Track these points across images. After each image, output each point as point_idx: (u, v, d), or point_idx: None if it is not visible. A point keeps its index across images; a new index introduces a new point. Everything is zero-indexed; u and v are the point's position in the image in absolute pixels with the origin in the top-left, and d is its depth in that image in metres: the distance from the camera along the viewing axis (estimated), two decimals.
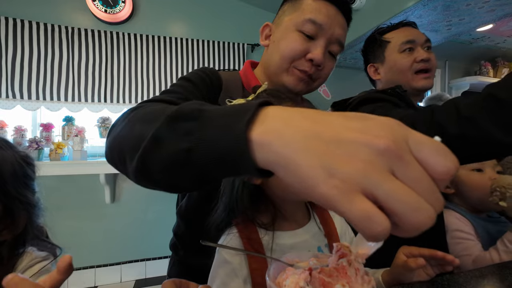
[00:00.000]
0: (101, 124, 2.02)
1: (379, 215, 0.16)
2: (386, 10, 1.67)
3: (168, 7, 2.21)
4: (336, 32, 0.60)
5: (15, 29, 1.81)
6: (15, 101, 1.82)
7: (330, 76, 0.68)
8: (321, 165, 0.17)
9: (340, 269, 0.25)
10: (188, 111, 0.27)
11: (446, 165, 0.17)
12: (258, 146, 0.21)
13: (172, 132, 0.27)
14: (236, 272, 0.41)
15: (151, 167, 0.28)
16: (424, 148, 0.17)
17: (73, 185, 1.93)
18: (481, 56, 2.90)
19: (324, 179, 0.17)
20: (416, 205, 0.16)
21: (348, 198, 0.16)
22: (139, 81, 2.09)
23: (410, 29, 0.85)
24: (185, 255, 0.67)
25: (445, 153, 0.17)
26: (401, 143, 0.17)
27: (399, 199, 0.16)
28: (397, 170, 0.17)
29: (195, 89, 0.56)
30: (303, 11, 0.60)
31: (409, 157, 0.17)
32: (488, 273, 0.50)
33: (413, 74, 0.80)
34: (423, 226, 0.16)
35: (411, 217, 0.16)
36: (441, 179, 0.17)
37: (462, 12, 1.65)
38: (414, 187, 0.17)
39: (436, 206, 0.17)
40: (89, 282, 1.96)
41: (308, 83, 0.63)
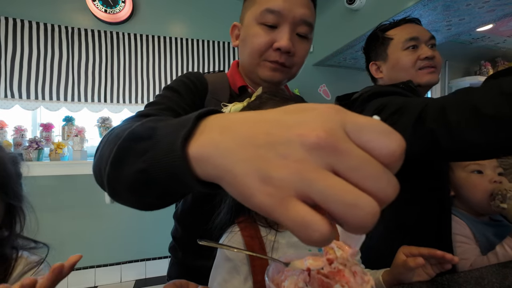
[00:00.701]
0: (101, 124, 2.02)
1: (315, 220, 0.15)
2: (386, 10, 1.67)
3: (168, 7, 2.21)
4: (298, 13, 0.58)
5: (15, 29, 1.81)
6: (14, 101, 1.82)
7: (330, 76, 0.67)
8: (256, 173, 0.16)
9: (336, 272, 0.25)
10: (142, 130, 0.27)
11: (389, 146, 0.15)
12: (196, 161, 0.20)
13: (128, 152, 0.27)
14: (237, 269, 0.42)
15: (117, 188, 0.30)
16: (363, 131, 0.16)
17: (73, 185, 1.93)
18: (481, 56, 2.90)
19: (259, 188, 0.16)
20: (352, 202, 0.14)
21: (283, 205, 0.15)
22: (139, 81, 2.09)
23: (414, 26, 0.82)
24: (184, 257, 0.68)
25: (388, 133, 0.16)
26: (336, 132, 0.16)
27: (333, 197, 0.14)
28: (335, 163, 0.15)
29: (179, 97, 0.57)
30: (259, 3, 0.59)
31: (345, 145, 0.15)
32: (488, 273, 0.50)
33: (417, 70, 0.78)
34: (364, 224, 0.14)
35: (349, 215, 0.14)
36: (389, 163, 0.15)
37: (462, 12, 1.65)
38: (356, 177, 0.15)
39: (388, 191, 0.15)
40: (89, 282, 1.96)
41: (283, 71, 0.62)
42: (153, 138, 0.25)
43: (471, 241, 0.70)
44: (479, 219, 0.75)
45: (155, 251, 2.12)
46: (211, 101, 0.62)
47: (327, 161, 0.15)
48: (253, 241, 0.43)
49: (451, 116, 0.46)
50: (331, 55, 2.32)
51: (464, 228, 0.72)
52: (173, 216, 0.72)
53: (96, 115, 2.04)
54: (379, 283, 0.50)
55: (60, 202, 1.90)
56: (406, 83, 0.75)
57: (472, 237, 0.71)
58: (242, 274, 0.41)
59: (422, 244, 0.50)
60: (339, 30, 2.14)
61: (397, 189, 0.15)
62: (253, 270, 0.41)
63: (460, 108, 0.46)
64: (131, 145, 0.27)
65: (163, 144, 0.23)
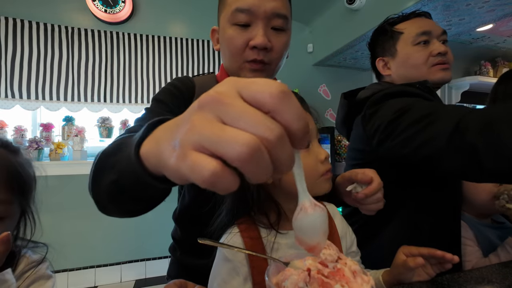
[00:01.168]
0: (101, 124, 2.02)
1: (205, 160, 0.16)
2: (386, 10, 1.67)
3: (168, 7, 2.21)
4: (269, 8, 0.57)
5: (15, 29, 1.81)
6: (14, 101, 1.82)
7: (330, 76, 0.67)
8: (171, 145, 0.19)
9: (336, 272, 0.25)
10: (112, 147, 0.32)
11: (267, 90, 0.17)
12: (145, 159, 0.25)
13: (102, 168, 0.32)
14: (237, 270, 0.42)
15: (100, 201, 0.35)
16: (251, 87, 0.17)
17: (73, 185, 1.93)
18: (481, 56, 2.90)
19: (171, 154, 0.19)
20: (229, 138, 0.16)
21: (184, 159, 0.17)
22: (139, 81, 2.09)
23: (425, 20, 0.77)
24: (183, 257, 0.68)
25: (267, 82, 0.17)
26: (225, 91, 0.18)
27: (216, 139, 0.16)
28: (221, 114, 0.17)
29: (164, 107, 0.59)
30: (229, 4, 0.60)
31: (230, 99, 0.17)
32: (488, 273, 0.50)
33: (429, 68, 0.73)
34: (241, 155, 0.15)
35: (229, 150, 0.16)
36: (273, 106, 0.17)
37: (462, 12, 1.65)
38: (238, 124, 0.16)
39: (267, 134, 0.16)
40: (89, 282, 1.96)
41: (264, 69, 0.62)
42: (120, 152, 0.30)
43: (473, 243, 0.70)
44: (481, 221, 0.74)
45: (155, 251, 2.12)
46: None
47: (216, 114, 0.17)
48: (253, 242, 0.43)
49: (501, 132, 0.40)
50: (331, 55, 2.32)
51: (467, 231, 0.71)
52: (172, 217, 0.72)
53: (96, 115, 2.04)
54: (379, 283, 0.50)
55: (60, 202, 1.90)
56: (422, 83, 0.70)
57: (474, 239, 0.71)
58: (241, 275, 0.41)
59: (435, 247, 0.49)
60: (339, 30, 2.14)
61: (276, 132, 0.16)
62: (252, 271, 0.41)
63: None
64: (103, 163, 0.33)
65: (126, 154, 0.27)
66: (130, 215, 0.36)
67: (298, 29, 2.55)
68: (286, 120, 0.17)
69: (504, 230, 0.73)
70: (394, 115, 0.60)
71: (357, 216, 0.74)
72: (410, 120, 0.56)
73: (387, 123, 0.61)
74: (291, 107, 0.17)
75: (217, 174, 0.16)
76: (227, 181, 0.17)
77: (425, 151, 0.52)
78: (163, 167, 0.21)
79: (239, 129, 0.16)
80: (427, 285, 0.46)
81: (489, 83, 2.86)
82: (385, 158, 0.65)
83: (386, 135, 0.61)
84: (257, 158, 0.16)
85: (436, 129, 0.51)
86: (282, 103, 0.17)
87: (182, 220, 0.68)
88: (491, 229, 0.73)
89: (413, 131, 0.55)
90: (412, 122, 0.56)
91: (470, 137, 0.44)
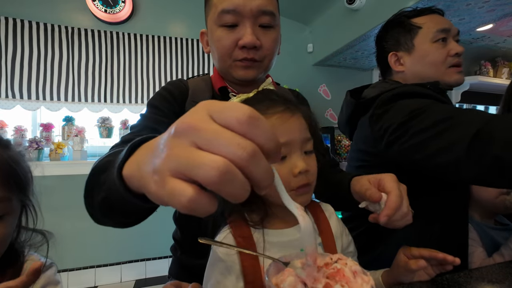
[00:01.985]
0: (101, 124, 2.02)
1: (182, 187, 0.17)
2: (386, 10, 1.67)
3: (168, 7, 2.21)
4: (254, 6, 0.57)
5: (15, 29, 1.81)
6: (14, 101, 1.82)
7: (330, 76, 0.67)
8: (150, 170, 0.19)
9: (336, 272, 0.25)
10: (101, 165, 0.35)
11: (234, 115, 0.17)
12: (128, 180, 0.26)
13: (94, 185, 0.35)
14: (229, 269, 0.42)
15: (94, 214, 0.38)
16: (223, 112, 0.18)
17: (73, 185, 1.93)
18: (481, 56, 2.90)
19: (151, 179, 0.19)
20: (200, 162, 0.16)
21: (163, 186, 0.18)
22: (139, 81, 2.09)
23: (442, 17, 0.75)
24: (183, 257, 0.68)
25: (238, 106, 0.18)
26: (198, 117, 0.18)
27: (191, 164, 0.17)
28: (196, 139, 0.17)
29: (157, 112, 0.60)
30: (215, 6, 0.59)
31: (203, 124, 0.18)
32: (488, 272, 0.50)
33: (447, 68, 0.72)
34: (212, 179, 0.16)
35: (200, 174, 0.16)
36: (241, 130, 0.17)
37: (462, 12, 1.65)
38: (211, 147, 0.17)
39: (238, 153, 0.16)
40: (89, 282, 1.96)
41: (255, 66, 0.61)
42: (108, 170, 0.32)
43: (477, 243, 0.70)
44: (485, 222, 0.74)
45: (155, 251, 2.12)
46: (191, 104, 0.63)
47: (190, 140, 0.18)
48: (244, 241, 0.43)
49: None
50: (331, 55, 2.32)
51: (471, 231, 0.71)
52: (172, 217, 0.72)
53: (96, 115, 2.04)
54: (379, 283, 0.50)
55: (60, 202, 1.90)
56: (433, 83, 0.68)
57: (478, 239, 0.70)
58: (234, 274, 0.42)
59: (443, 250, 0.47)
60: (339, 30, 2.14)
61: (249, 150, 0.17)
62: (243, 270, 0.41)
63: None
64: (94, 180, 0.35)
65: (112, 174, 0.29)
66: (124, 226, 0.39)
67: (298, 29, 2.55)
68: (259, 142, 0.17)
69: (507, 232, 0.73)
70: (405, 117, 0.58)
71: (359, 220, 0.73)
72: (424, 124, 0.54)
73: (397, 125, 0.59)
74: (260, 130, 0.18)
75: (194, 200, 0.17)
76: (204, 205, 0.17)
77: (441, 159, 0.50)
78: (144, 190, 0.21)
79: (212, 152, 0.17)
80: (427, 285, 0.46)
81: (489, 83, 2.86)
82: (393, 162, 0.62)
83: (396, 137, 0.59)
84: (230, 179, 0.16)
85: (454, 136, 0.48)
86: (251, 128, 0.17)
87: (181, 221, 0.69)
88: (494, 231, 0.73)
89: (428, 136, 0.53)
90: (426, 126, 0.53)
91: (495, 148, 0.43)
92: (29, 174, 0.52)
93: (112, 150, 0.39)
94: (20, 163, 0.50)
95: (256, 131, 0.17)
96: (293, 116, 0.46)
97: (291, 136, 0.44)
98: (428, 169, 0.55)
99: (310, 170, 0.45)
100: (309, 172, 0.45)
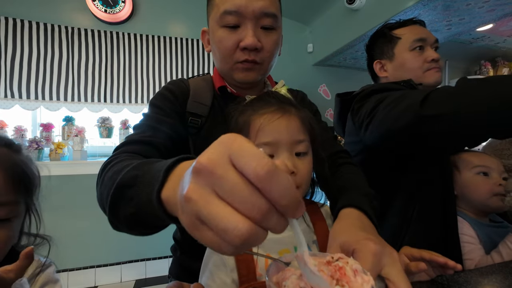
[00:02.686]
0: (101, 124, 2.02)
1: (209, 237, 0.18)
2: (386, 10, 1.67)
3: (168, 7, 2.21)
4: (257, 7, 0.56)
5: (14, 29, 1.81)
6: (14, 101, 1.82)
7: (330, 76, 0.68)
8: (180, 208, 0.20)
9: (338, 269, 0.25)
10: (127, 180, 0.35)
11: (253, 167, 0.17)
12: (166, 204, 0.27)
13: (120, 199, 0.35)
14: (224, 262, 0.43)
15: (118, 225, 0.38)
16: (242, 156, 0.18)
17: (73, 185, 1.92)
18: (481, 56, 2.90)
19: (181, 216, 0.21)
20: (223, 227, 0.17)
21: (194, 229, 0.19)
22: (139, 81, 2.09)
23: (421, 28, 0.84)
24: (184, 258, 0.68)
25: (256, 156, 0.18)
26: (217, 158, 0.18)
27: (211, 222, 0.17)
28: (215, 186, 0.18)
29: (159, 112, 0.60)
30: (217, 6, 0.59)
31: (221, 170, 0.18)
32: (488, 273, 0.50)
33: (424, 72, 0.80)
34: (235, 244, 0.17)
35: (223, 239, 0.17)
36: (258, 183, 0.17)
37: (462, 12, 1.65)
38: (230, 199, 0.17)
39: (253, 213, 0.17)
40: (89, 282, 1.96)
41: (256, 69, 0.61)
42: (136, 185, 0.33)
43: (476, 240, 0.70)
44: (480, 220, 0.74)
45: (155, 251, 2.12)
46: (192, 104, 0.63)
47: (209, 185, 0.18)
48: None
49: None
50: (331, 55, 2.32)
51: (468, 228, 0.71)
52: None
53: (96, 115, 2.04)
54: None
55: (60, 202, 1.90)
56: (407, 81, 0.76)
57: (475, 236, 0.71)
58: (228, 267, 0.42)
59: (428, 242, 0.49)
60: (339, 30, 2.14)
61: (263, 210, 0.17)
62: (237, 264, 0.42)
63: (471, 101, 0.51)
64: (120, 193, 0.35)
65: (144, 195, 0.30)
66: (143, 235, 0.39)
67: (298, 29, 2.55)
68: (273, 197, 0.17)
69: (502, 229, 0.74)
70: (375, 103, 0.69)
71: None
72: (386, 103, 0.65)
73: (369, 111, 0.70)
74: (276, 186, 0.17)
75: (220, 249, 0.18)
76: (227, 251, 0.18)
77: (403, 121, 0.60)
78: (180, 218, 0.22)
79: (230, 204, 0.17)
80: (427, 285, 0.46)
81: None
82: (372, 147, 0.74)
83: (369, 120, 0.69)
84: (250, 242, 0.17)
85: (408, 101, 0.60)
86: (267, 183, 0.17)
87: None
88: (490, 228, 0.73)
89: (389, 109, 0.64)
90: (388, 104, 0.64)
91: (437, 105, 0.55)
92: (37, 178, 0.52)
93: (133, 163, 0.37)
94: (30, 168, 0.50)
95: (272, 187, 0.17)
96: (283, 116, 0.46)
97: (276, 136, 0.44)
98: (399, 141, 0.66)
99: (298, 173, 0.44)
100: (295, 174, 0.44)
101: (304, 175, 0.46)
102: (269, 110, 0.46)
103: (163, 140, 0.55)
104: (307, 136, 0.48)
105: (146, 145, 0.52)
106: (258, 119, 0.46)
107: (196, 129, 0.63)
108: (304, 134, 0.47)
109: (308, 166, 0.47)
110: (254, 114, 0.48)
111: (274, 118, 0.45)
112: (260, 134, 0.46)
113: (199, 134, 0.63)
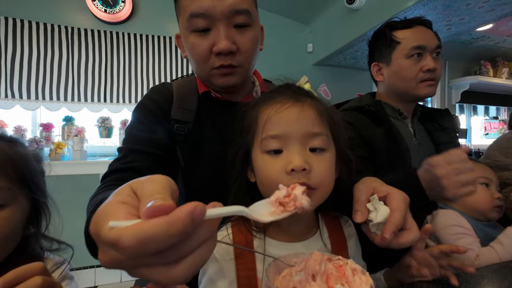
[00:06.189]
0: (101, 124, 2.02)
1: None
2: (386, 10, 1.67)
3: (168, 7, 2.20)
4: (225, 6, 0.51)
5: (15, 29, 1.80)
6: (14, 101, 1.82)
7: (330, 76, 0.66)
8: None
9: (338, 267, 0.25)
10: (90, 214, 0.35)
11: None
12: None
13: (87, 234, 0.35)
14: (224, 272, 0.41)
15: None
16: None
17: (73, 185, 1.92)
18: (481, 56, 2.90)
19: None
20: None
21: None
22: (139, 81, 2.09)
23: (424, 31, 0.80)
24: None
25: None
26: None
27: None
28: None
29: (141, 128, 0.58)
30: (184, 10, 0.54)
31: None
32: (488, 272, 0.50)
33: (418, 83, 0.78)
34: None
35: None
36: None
37: (462, 12, 1.65)
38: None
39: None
40: (89, 282, 1.96)
41: (235, 72, 0.57)
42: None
43: (472, 232, 0.71)
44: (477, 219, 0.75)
45: None
46: (177, 111, 0.60)
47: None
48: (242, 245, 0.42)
49: None
50: (331, 55, 2.32)
51: (465, 223, 0.72)
52: None
53: (96, 115, 2.04)
54: (381, 283, 0.50)
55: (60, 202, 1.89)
56: (374, 105, 0.78)
57: (471, 229, 0.72)
58: (228, 279, 0.41)
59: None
60: (339, 30, 2.14)
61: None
62: (238, 280, 0.41)
63: None
64: (86, 228, 0.35)
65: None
66: None
67: (298, 29, 2.55)
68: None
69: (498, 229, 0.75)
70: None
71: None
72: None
73: None
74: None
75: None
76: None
77: None
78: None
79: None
80: (427, 284, 0.46)
81: (489, 82, 2.87)
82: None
83: None
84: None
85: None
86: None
87: None
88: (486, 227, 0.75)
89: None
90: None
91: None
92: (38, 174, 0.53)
93: (103, 189, 0.41)
94: (28, 160, 0.50)
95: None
96: (294, 105, 0.40)
97: (285, 128, 0.38)
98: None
99: (311, 171, 0.37)
100: (308, 172, 0.37)
101: (320, 174, 0.38)
102: (279, 99, 0.40)
103: (144, 162, 0.53)
104: (327, 130, 0.41)
105: (127, 171, 0.52)
106: (266, 109, 0.41)
107: (183, 136, 0.60)
108: (322, 127, 0.40)
109: (326, 165, 0.39)
110: (263, 105, 0.43)
111: (284, 107, 0.39)
112: (267, 126, 0.40)
113: (186, 141, 0.60)
